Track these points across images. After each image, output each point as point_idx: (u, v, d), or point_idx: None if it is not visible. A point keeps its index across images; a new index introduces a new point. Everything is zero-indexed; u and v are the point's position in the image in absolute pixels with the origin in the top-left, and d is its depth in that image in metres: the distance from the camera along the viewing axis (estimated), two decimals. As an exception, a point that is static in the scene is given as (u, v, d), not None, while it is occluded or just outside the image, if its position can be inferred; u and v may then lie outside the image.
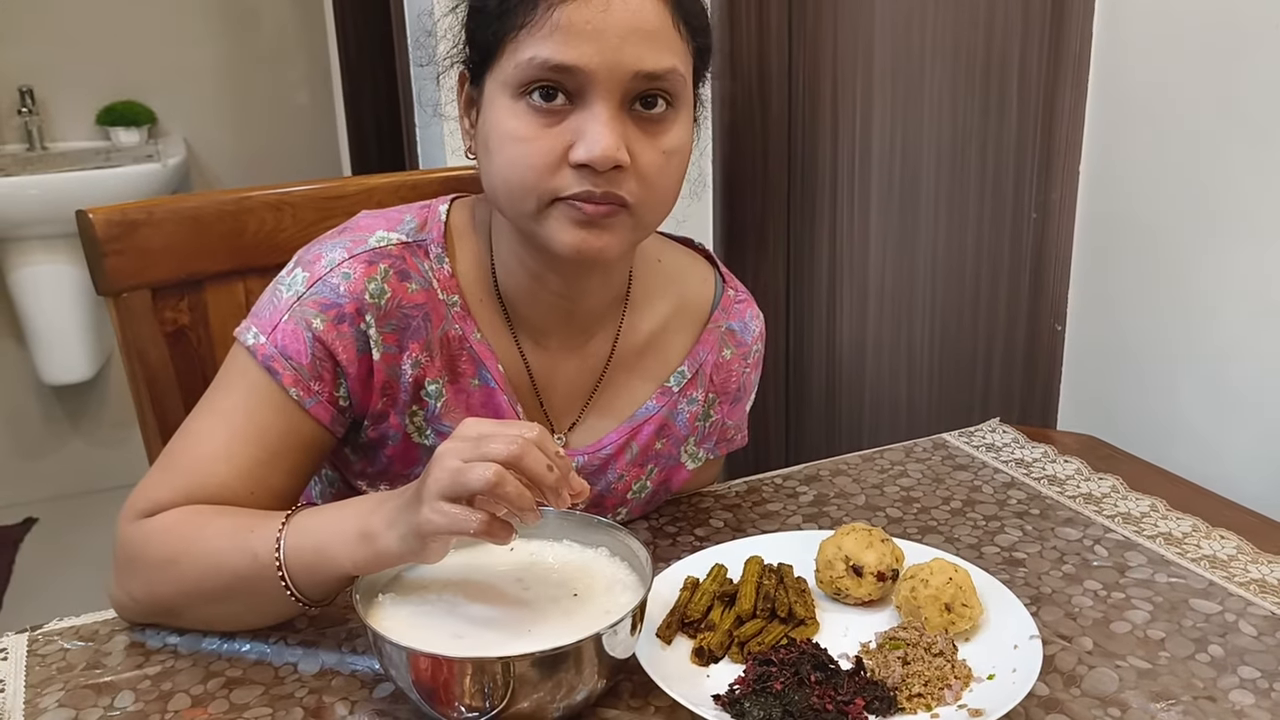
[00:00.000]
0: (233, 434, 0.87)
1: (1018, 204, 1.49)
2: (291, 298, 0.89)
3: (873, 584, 0.88)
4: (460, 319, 0.92)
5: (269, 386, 0.87)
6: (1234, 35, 1.20)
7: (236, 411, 0.88)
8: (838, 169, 1.73)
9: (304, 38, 2.87)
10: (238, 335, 0.90)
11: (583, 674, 0.73)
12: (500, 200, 0.87)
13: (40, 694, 0.80)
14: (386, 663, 0.75)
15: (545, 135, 0.81)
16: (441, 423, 0.93)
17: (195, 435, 0.89)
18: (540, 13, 0.79)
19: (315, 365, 0.88)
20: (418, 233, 0.92)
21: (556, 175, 0.81)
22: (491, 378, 0.93)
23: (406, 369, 0.91)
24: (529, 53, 0.80)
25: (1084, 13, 1.36)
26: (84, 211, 1.12)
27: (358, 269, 0.89)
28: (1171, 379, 1.33)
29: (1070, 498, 1.10)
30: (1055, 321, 1.48)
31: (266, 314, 0.89)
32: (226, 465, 0.86)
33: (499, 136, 0.83)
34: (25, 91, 2.62)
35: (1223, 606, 0.90)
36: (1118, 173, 1.38)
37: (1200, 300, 1.28)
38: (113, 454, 2.95)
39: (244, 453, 0.86)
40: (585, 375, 0.99)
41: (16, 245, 2.55)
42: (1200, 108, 1.25)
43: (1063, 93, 1.40)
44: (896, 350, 1.71)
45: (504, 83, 0.83)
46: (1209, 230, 1.26)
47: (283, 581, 0.79)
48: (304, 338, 0.87)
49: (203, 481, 0.86)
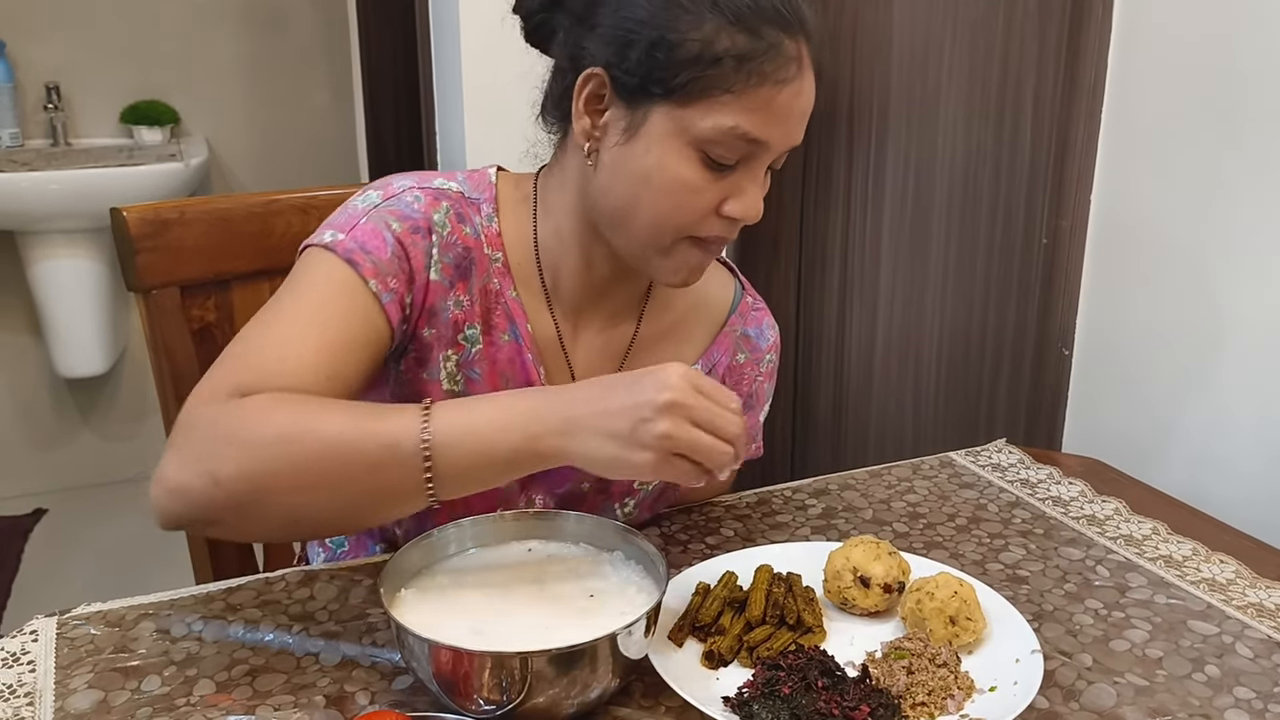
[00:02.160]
0: (312, 321, 0.86)
1: (1029, 229, 1.52)
2: (368, 207, 0.92)
3: (879, 595, 0.90)
4: (500, 275, 0.96)
5: (348, 277, 0.88)
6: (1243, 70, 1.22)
7: (315, 299, 0.87)
8: (851, 189, 1.75)
9: (326, 40, 2.90)
10: (310, 242, 0.91)
11: (597, 672, 0.75)
12: (634, 226, 0.89)
13: (70, 675, 0.82)
14: (408, 654, 0.77)
15: (711, 189, 0.86)
16: (472, 369, 0.96)
17: (269, 324, 0.87)
18: (754, 88, 0.83)
19: (393, 262, 0.90)
20: (473, 190, 0.97)
21: (704, 221, 0.88)
22: (520, 334, 0.97)
23: (450, 306, 0.94)
24: (733, 121, 0.83)
25: (1099, 46, 1.39)
26: (118, 209, 1.15)
27: (426, 197, 0.94)
28: (1175, 405, 1.35)
29: (1074, 519, 1.12)
30: (1063, 346, 1.51)
31: (342, 219, 0.92)
32: (308, 349, 0.84)
33: (665, 177, 0.86)
34: (52, 88, 2.66)
35: (1220, 628, 0.93)
36: (1128, 202, 1.40)
37: (1206, 328, 1.30)
38: (123, 447, 2.98)
39: (324, 338, 0.85)
40: (607, 359, 1.03)
41: (38, 239, 2.58)
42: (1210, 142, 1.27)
43: (1076, 123, 1.43)
44: (904, 369, 1.73)
45: (686, 129, 0.84)
46: (1216, 260, 1.28)
47: (427, 465, 0.77)
48: (384, 236, 0.90)
49: (283, 368, 0.83)
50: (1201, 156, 1.29)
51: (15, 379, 2.87)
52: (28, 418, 2.91)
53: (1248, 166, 1.23)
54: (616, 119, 0.87)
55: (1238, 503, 1.24)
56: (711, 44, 0.82)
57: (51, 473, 2.93)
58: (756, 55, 0.82)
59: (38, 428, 2.92)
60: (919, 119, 1.62)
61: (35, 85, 2.67)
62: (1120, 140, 1.40)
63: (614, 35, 0.86)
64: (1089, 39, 1.40)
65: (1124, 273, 1.42)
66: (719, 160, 0.85)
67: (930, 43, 1.57)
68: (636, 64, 0.84)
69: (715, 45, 0.82)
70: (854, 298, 1.79)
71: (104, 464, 2.96)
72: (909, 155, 1.65)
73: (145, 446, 2.97)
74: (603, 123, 0.88)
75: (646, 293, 1.04)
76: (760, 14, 0.83)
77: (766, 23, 0.83)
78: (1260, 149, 1.22)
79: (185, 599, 0.93)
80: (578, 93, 0.88)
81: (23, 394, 2.88)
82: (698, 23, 0.83)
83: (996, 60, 1.50)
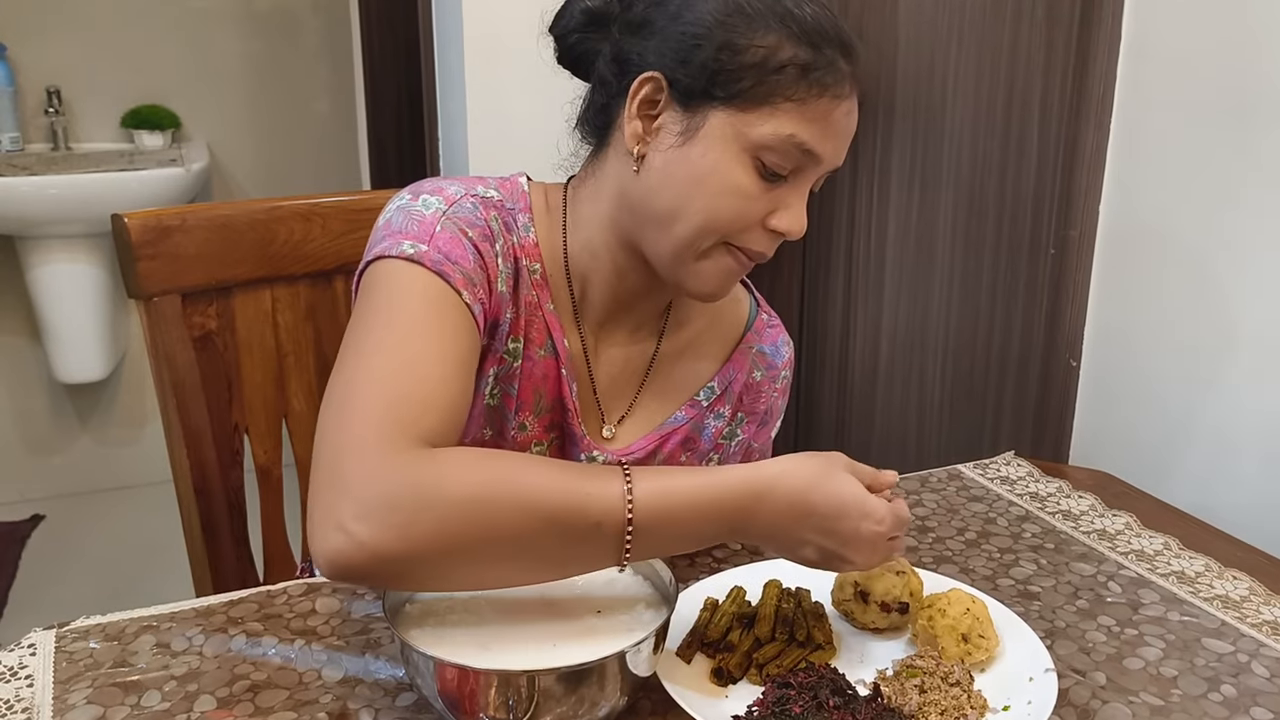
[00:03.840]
0: (431, 341, 0.81)
1: (1035, 240, 1.51)
2: (436, 213, 0.88)
3: (876, 612, 0.89)
4: (539, 287, 0.95)
5: (444, 290, 0.84)
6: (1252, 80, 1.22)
7: (425, 321, 0.82)
8: (856, 198, 1.75)
9: (328, 46, 2.90)
10: (387, 253, 0.85)
11: (605, 690, 0.74)
12: (679, 229, 0.88)
13: (68, 690, 0.81)
14: (412, 671, 0.76)
15: (762, 198, 0.87)
16: (511, 384, 0.95)
17: (392, 351, 0.80)
18: (814, 99, 0.85)
19: (477, 271, 0.87)
20: (509, 199, 0.95)
21: (749, 231, 0.88)
22: (557, 349, 0.96)
23: (507, 317, 0.93)
24: (792, 129, 0.85)
25: (1107, 55, 1.38)
26: (119, 216, 1.14)
27: (481, 206, 0.92)
28: (1185, 417, 1.34)
29: (1084, 533, 1.11)
30: (1070, 357, 1.50)
31: (414, 229, 0.86)
32: (441, 371, 0.80)
33: (719, 180, 0.86)
34: (53, 92, 2.65)
35: (1235, 647, 0.91)
36: (1136, 212, 1.39)
37: (1215, 339, 1.29)
38: (121, 454, 2.96)
39: (449, 359, 0.81)
40: (628, 375, 1.02)
41: (38, 244, 2.57)
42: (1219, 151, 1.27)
43: (1085, 134, 1.42)
44: (910, 379, 1.72)
45: (744, 134, 0.85)
46: (1226, 270, 1.27)
47: (627, 539, 0.74)
48: (463, 244, 0.87)
49: (434, 400, 0.78)
50: (1210, 166, 1.28)
51: (14, 384, 2.85)
52: (26, 423, 2.89)
53: (1257, 177, 1.22)
54: (671, 122, 0.87)
55: (1249, 516, 1.23)
56: (776, 52, 0.84)
57: (49, 479, 2.92)
58: (819, 67, 0.85)
59: (36, 433, 2.91)
60: (925, 128, 1.61)
61: (36, 89, 2.67)
62: (1128, 150, 1.39)
63: (677, 40, 0.87)
64: (1097, 48, 1.39)
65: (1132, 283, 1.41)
66: (773, 169, 0.86)
67: (936, 52, 1.56)
68: (700, 67, 0.85)
69: (780, 53, 0.84)
70: (858, 308, 1.78)
71: (102, 470, 2.95)
72: (915, 164, 1.64)
73: (144, 453, 2.95)
74: (655, 126, 0.88)
75: (666, 310, 1.03)
76: (821, 33, 0.86)
77: (827, 41, 0.86)
78: (1270, 159, 1.21)
79: (186, 612, 0.92)
80: (632, 96, 0.88)
81: (21, 399, 2.87)
82: (764, 31, 0.85)
83: (1004, 69, 1.49)
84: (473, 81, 1.67)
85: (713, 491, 0.77)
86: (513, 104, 1.65)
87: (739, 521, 0.78)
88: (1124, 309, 1.43)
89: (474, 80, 1.67)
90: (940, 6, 1.53)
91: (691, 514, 0.77)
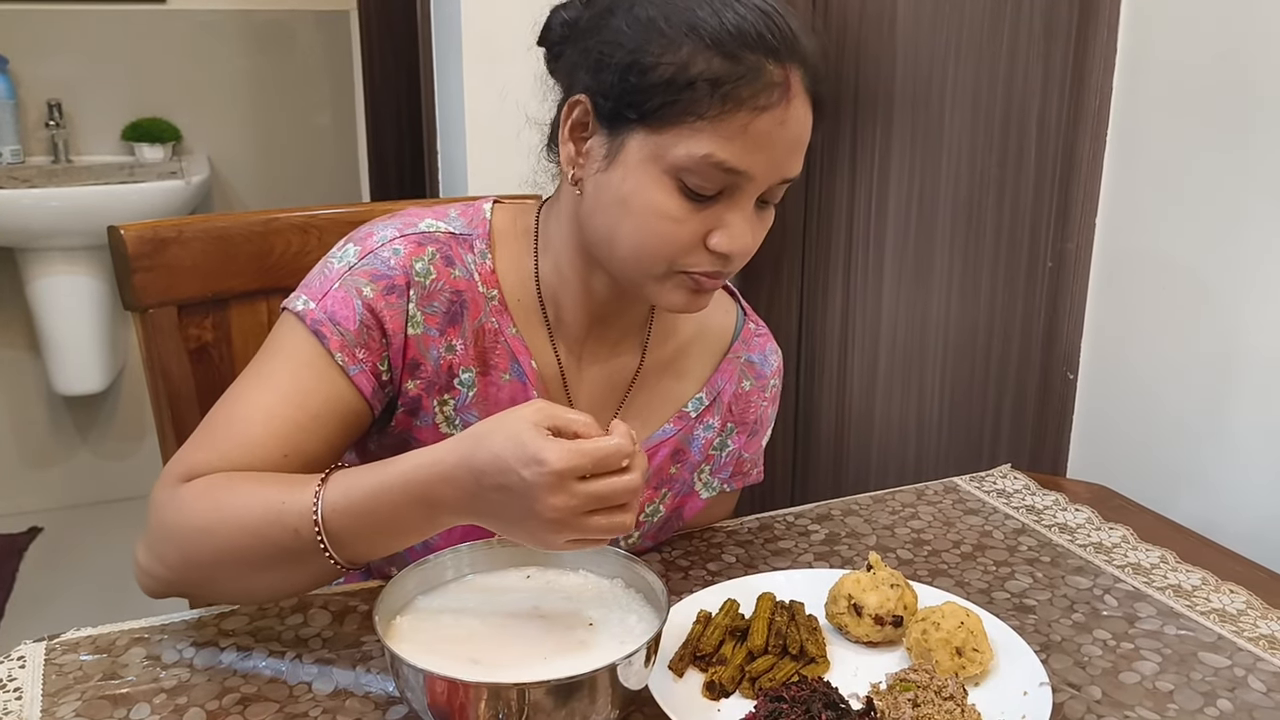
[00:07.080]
0: (273, 396, 0.87)
1: (1033, 252, 1.51)
2: (343, 268, 0.91)
3: (870, 626, 0.89)
4: (497, 313, 0.95)
5: (315, 350, 0.89)
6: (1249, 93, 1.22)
7: (279, 374, 0.88)
8: (854, 211, 1.75)
9: (329, 60, 2.90)
10: (286, 305, 0.92)
11: (596, 703, 0.74)
12: (619, 255, 0.87)
13: (57, 703, 0.80)
14: (403, 685, 0.75)
15: (692, 219, 0.84)
16: (470, 413, 0.95)
17: (235, 399, 0.89)
18: (730, 113, 0.80)
19: (362, 333, 0.90)
20: (465, 227, 0.96)
21: (691, 254, 0.85)
22: (524, 372, 0.96)
23: (440, 352, 0.93)
24: (707, 149, 0.81)
25: (1104, 69, 1.39)
26: (115, 228, 1.14)
27: (408, 247, 0.92)
28: (1182, 430, 1.34)
29: (1081, 546, 1.10)
30: (1067, 369, 1.49)
31: (317, 284, 0.92)
32: (264, 428, 0.86)
33: (643, 205, 0.84)
34: (53, 105, 2.66)
35: (1232, 661, 0.91)
36: (1134, 226, 1.39)
37: (1213, 352, 1.29)
38: (120, 466, 2.96)
39: (283, 414, 0.87)
40: (610, 391, 1.01)
41: (38, 256, 2.57)
42: (1216, 164, 1.27)
43: (1082, 146, 1.42)
44: (907, 393, 1.72)
45: (660, 156, 0.82)
46: (1224, 283, 1.27)
47: (320, 539, 0.78)
48: (354, 305, 0.90)
49: (239, 444, 0.85)
50: (1208, 179, 1.28)
51: (12, 396, 2.85)
52: (24, 435, 2.89)
53: (1255, 189, 1.22)
54: (598, 145, 0.86)
55: (1247, 529, 1.22)
56: (686, 68, 0.80)
57: (47, 491, 2.91)
58: (731, 79, 0.80)
59: (34, 445, 2.91)
60: (922, 143, 1.61)
61: (37, 102, 2.67)
62: (1126, 163, 1.40)
63: (596, 60, 0.85)
64: (1094, 62, 1.40)
65: (1129, 296, 1.41)
66: (697, 190, 0.83)
67: (934, 67, 1.57)
68: (611, 88, 0.83)
69: (689, 69, 0.80)
70: (857, 321, 1.78)
71: (100, 483, 2.94)
72: (912, 178, 1.64)
73: (142, 466, 2.95)
74: (586, 149, 0.87)
75: (649, 322, 1.03)
76: (742, 39, 0.80)
77: (748, 48, 0.80)
78: (1267, 172, 1.21)
79: (177, 624, 0.91)
80: (564, 119, 0.88)
81: (20, 411, 2.87)
82: (674, 47, 0.81)
83: (1001, 83, 1.50)
84: (471, 94, 1.68)
85: (394, 480, 0.78)
86: (511, 117, 1.65)
87: (433, 502, 0.76)
88: (1121, 321, 1.42)
89: (472, 93, 1.68)
90: (938, 21, 1.54)
91: (378, 504, 0.78)
